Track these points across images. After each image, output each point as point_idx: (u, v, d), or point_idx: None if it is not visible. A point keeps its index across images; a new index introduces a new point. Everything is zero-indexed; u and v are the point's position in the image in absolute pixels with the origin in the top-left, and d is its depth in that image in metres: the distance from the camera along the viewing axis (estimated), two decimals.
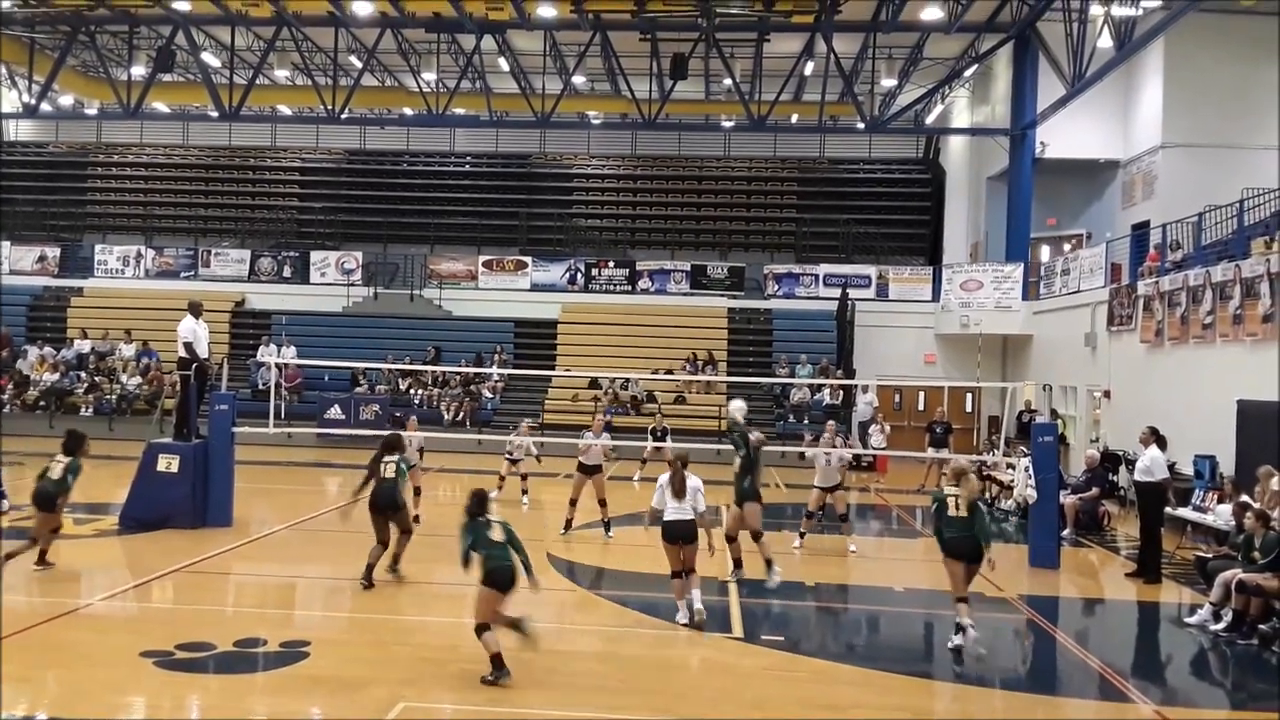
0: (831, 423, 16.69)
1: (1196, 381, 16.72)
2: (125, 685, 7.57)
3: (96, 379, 27.11)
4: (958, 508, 9.11)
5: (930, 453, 20.36)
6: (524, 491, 16.33)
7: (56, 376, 27.12)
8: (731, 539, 11.25)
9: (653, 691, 7.84)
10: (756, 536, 11.17)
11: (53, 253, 31.71)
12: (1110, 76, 21.68)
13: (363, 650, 8.81)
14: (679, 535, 9.54)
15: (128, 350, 27.97)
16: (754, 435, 11.61)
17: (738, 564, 11.42)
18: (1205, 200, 18.52)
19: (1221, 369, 15.90)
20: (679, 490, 9.58)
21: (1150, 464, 12.57)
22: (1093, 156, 25.52)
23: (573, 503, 13.86)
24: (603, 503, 13.84)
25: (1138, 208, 23.46)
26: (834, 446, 14.40)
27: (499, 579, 7.87)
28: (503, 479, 16.32)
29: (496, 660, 7.70)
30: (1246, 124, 21.59)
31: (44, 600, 10.12)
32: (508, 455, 16.40)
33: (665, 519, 9.59)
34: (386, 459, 10.97)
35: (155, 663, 8.04)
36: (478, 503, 8.20)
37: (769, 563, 11.00)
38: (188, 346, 14.05)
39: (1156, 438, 12.81)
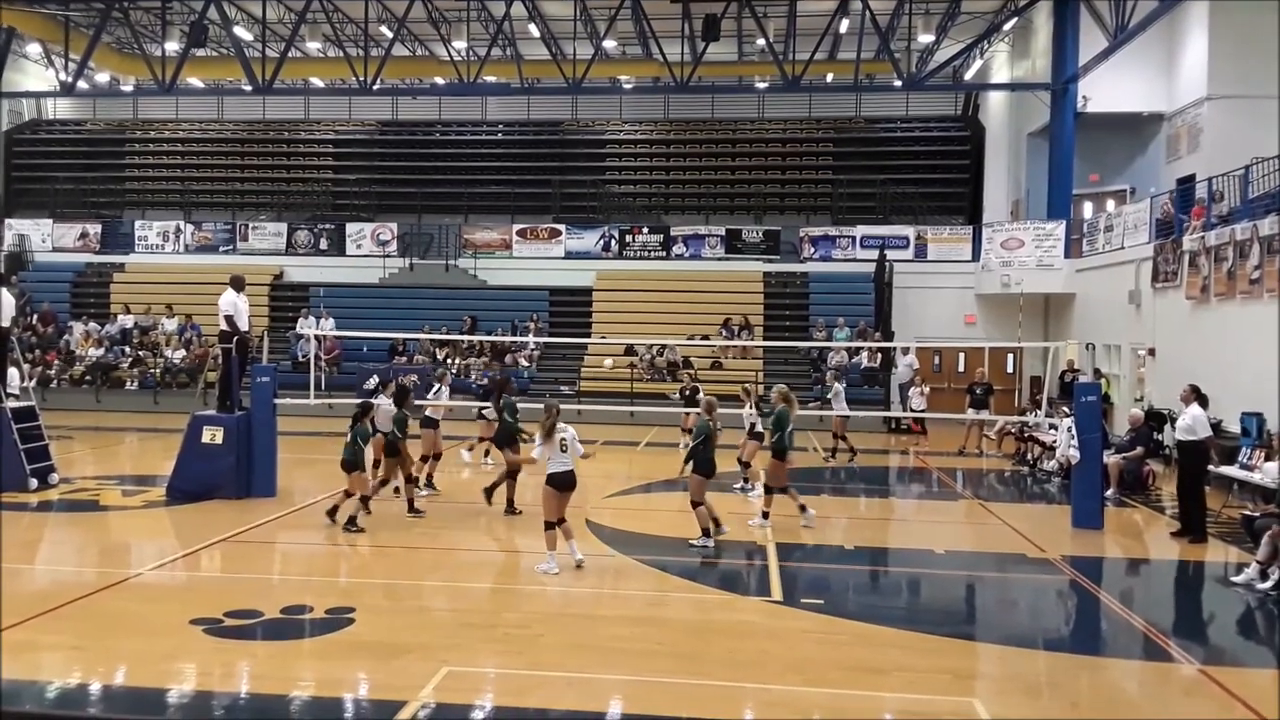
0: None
1: (1243, 337, 16.38)
2: (176, 652, 7.72)
3: (140, 353, 27.56)
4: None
5: (970, 414, 20.18)
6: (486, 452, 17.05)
7: (101, 351, 27.61)
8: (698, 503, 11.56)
9: (692, 655, 7.88)
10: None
11: (94, 229, 32.17)
12: (1154, 27, 21.11)
13: (406, 617, 8.93)
14: (569, 484, 10.27)
15: (170, 325, 28.39)
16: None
17: (717, 524, 11.70)
18: (1252, 153, 18.02)
19: (1269, 324, 15.53)
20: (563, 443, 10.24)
21: (1192, 422, 12.42)
22: (1136, 110, 24.91)
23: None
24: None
25: (1183, 161, 22.91)
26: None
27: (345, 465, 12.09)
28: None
29: (364, 500, 12.20)
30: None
31: (95, 570, 10.35)
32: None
33: (555, 470, 10.19)
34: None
35: (205, 630, 8.20)
36: (361, 411, 12.51)
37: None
38: (229, 320, 14.22)
39: (1198, 395, 12.64)
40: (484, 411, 15.89)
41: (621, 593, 9.98)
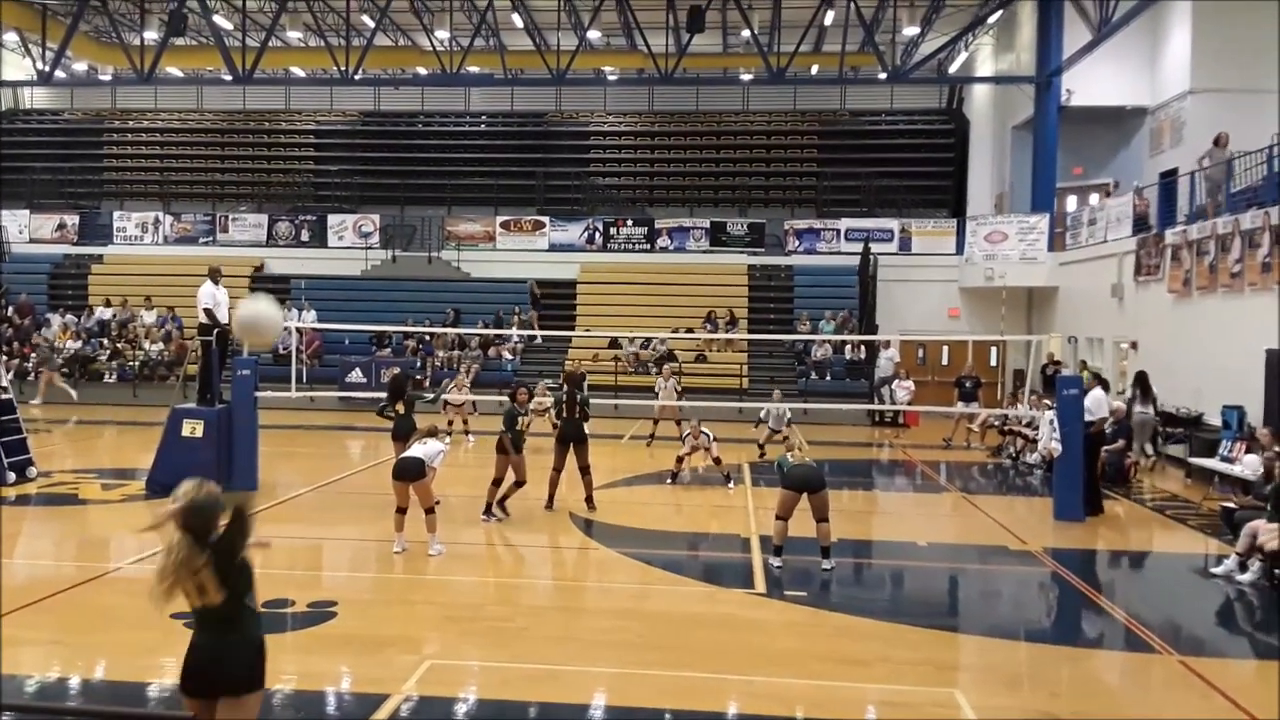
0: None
1: (1225, 331, 16.50)
2: (157, 647, 7.65)
3: (119, 346, 27.33)
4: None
5: (960, 407, 20.27)
6: (466, 433, 19.68)
7: (79, 344, 27.35)
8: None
9: (675, 647, 7.87)
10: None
11: (72, 220, 31.85)
12: (1137, 21, 21.18)
13: (389, 610, 8.88)
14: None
15: (149, 317, 28.16)
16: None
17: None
18: (1236, 146, 18.12)
19: (1250, 318, 15.66)
20: None
21: (1095, 405, 13.57)
22: (1120, 103, 24.99)
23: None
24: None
25: (1166, 155, 23.02)
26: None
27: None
28: (450, 423, 19.19)
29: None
30: (1277, 68, 21.05)
31: (75, 564, 10.26)
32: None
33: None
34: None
35: (186, 624, 8.07)
36: (399, 383, 12.65)
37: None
38: (208, 312, 14.11)
39: (1099, 381, 14.34)
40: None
41: (605, 585, 9.97)
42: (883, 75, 27.44)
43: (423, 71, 31.85)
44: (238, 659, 4.64)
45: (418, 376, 24.60)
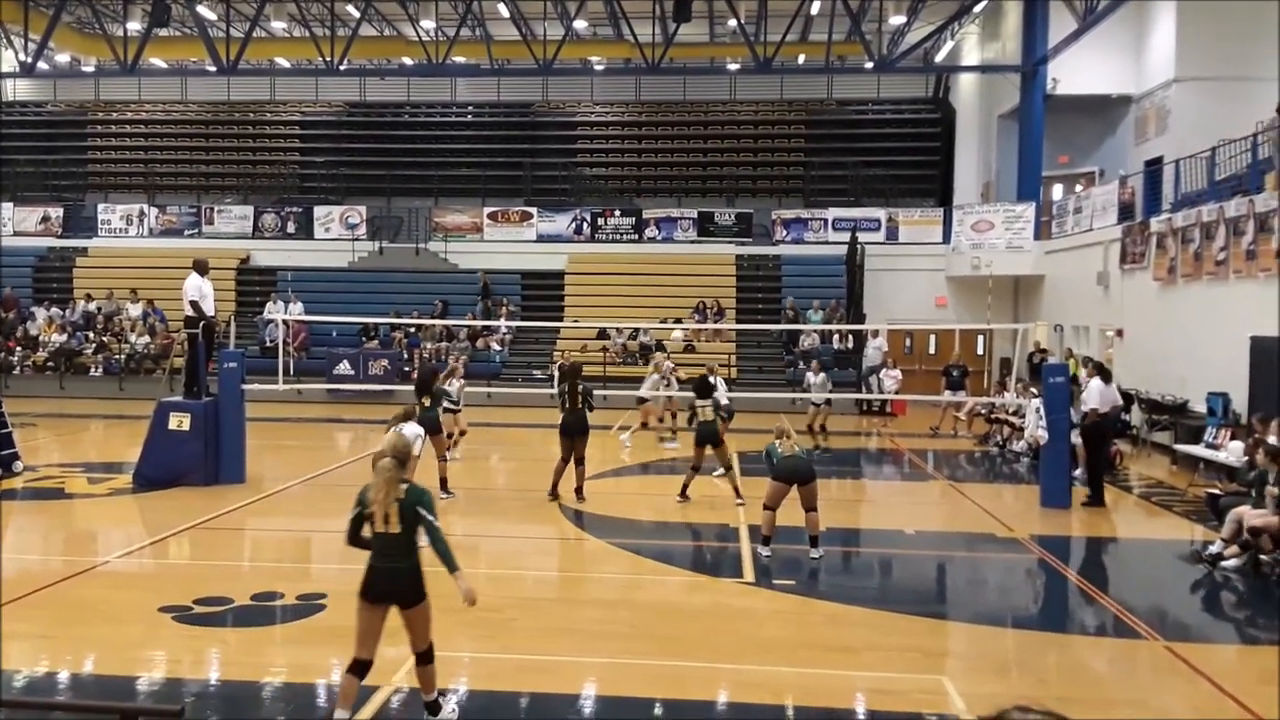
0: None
1: (1210, 319, 16.59)
2: (145, 640, 7.64)
3: (104, 339, 27.18)
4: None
5: (947, 395, 20.34)
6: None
7: (64, 337, 27.18)
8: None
9: (666, 637, 7.90)
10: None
11: (56, 213, 31.59)
12: (1122, 10, 21.20)
13: None
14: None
15: (134, 310, 27.99)
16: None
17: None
18: (1220, 134, 18.19)
19: (1235, 305, 15.75)
20: None
21: (1088, 395, 13.51)
22: (1105, 92, 25.03)
23: None
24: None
25: (1151, 143, 23.08)
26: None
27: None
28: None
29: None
30: (1262, 56, 21.09)
31: (62, 558, 10.22)
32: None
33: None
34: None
35: (174, 617, 8.11)
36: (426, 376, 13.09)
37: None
38: (194, 305, 14.02)
39: (1100, 371, 13.82)
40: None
41: (595, 576, 9.99)
42: (869, 65, 27.39)
43: (408, 62, 31.68)
44: (405, 581, 6.12)
45: (407, 369, 24.56)
